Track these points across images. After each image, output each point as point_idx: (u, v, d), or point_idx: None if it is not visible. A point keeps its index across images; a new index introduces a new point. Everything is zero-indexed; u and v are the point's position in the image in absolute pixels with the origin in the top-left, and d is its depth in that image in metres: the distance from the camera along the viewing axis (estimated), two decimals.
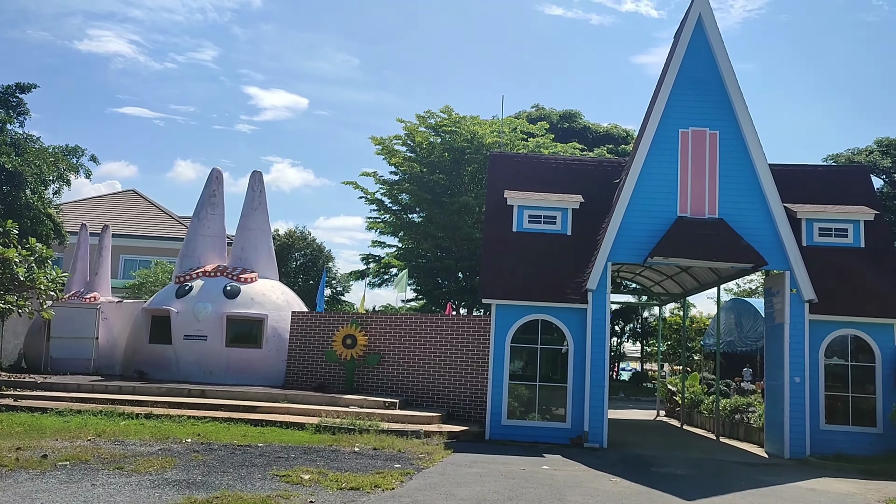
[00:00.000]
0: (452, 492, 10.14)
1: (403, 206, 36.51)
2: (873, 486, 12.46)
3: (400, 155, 35.44)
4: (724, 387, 22.16)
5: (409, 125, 35.28)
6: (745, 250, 16.03)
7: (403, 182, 35.28)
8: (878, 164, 40.78)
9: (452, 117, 34.94)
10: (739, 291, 43.81)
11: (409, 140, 35.47)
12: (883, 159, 41.12)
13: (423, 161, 34.63)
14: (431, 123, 35.25)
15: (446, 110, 35.14)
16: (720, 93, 16.78)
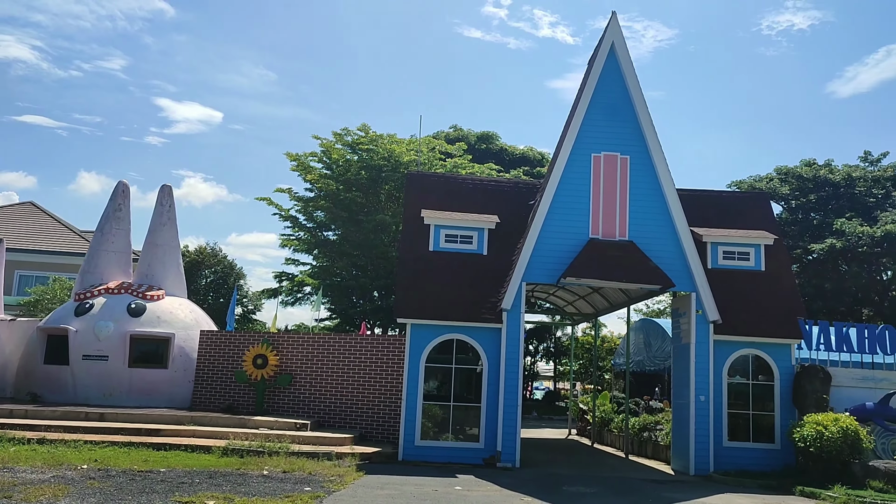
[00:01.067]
0: None
1: (318, 223, 36.03)
2: (771, 500, 12.93)
3: (316, 172, 35.00)
4: (634, 405, 22.66)
5: (326, 142, 34.95)
6: (654, 272, 16.48)
7: (319, 199, 34.82)
8: (777, 190, 42.83)
9: (370, 135, 34.81)
10: (649, 312, 45.13)
11: (326, 157, 35.10)
12: (782, 186, 43.21)
13: (340, 178, 34.30)
14: (348, 141, 35.00)
15: (364, 128, 35.00)
16: (631, 119, 17.29)
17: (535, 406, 41.18)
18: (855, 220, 39.70)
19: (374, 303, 35.23)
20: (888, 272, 41.15)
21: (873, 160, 45.55)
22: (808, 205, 43.17)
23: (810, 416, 15.34)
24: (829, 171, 43.37)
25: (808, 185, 43.01)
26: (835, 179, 42.70)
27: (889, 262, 38.63)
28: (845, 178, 42.71)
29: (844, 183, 42.60)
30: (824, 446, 14.47)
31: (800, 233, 41.35)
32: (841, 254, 38.40)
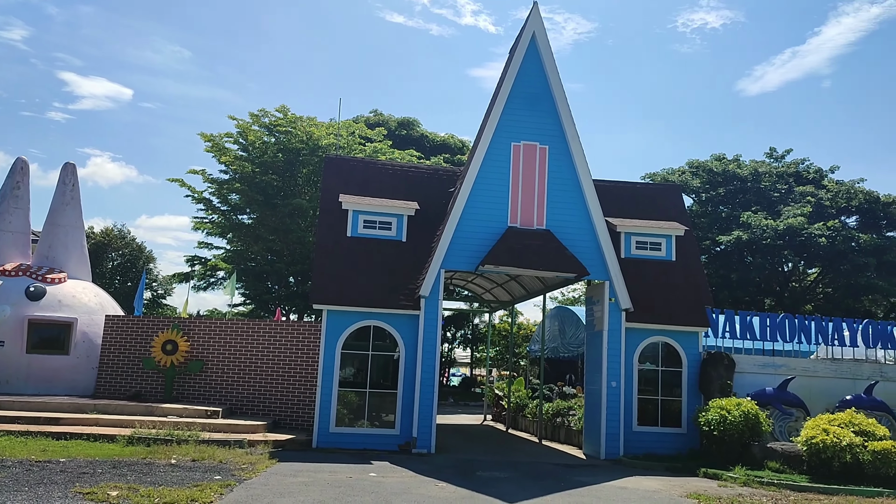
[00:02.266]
0: (275, 503, 9.74)
1: (233, 206, 35.07)
2: (677, 483, 13.36)
3: (231, 153, 34.03)
4: (548, 391, 23.06)
5: (242, 123, 34.00)
6: (570, 261, 16.74)
7: (234, 182, 33.88)
8: (689, 183, 44.26)
9: (288, 117, 34.08)
10: (564, 300, 46.00)
11: (242, 138, 34.16)
12: (693, 180, 44.68)
13: (256, 161, 33.47)
14: (266, 122, 34.16)
15: (282, 110, 34.24)
16: (551, 109, 17.47)
17: (452, 392, 41.48)
18: (760, 213, 41.44)
19: (290, 288, 34.66)
20: (789, 264, 43.18)
21: (778, 156, 47.66)
22: (718, 198, 44.78)
23: (715, 400, 15.92)
24: (738, 166, 45.09)
25: (718, 179, 44.63)
26: (742, 174, 44.43)
27: (790, 254, 40.50)
28: (752, 173, 44.51)
29: (751, 178, 44.39)
30: (727, 429, 15.06)
31: (709, 225, 42.87)
32: (746, 246, 40.06)
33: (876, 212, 42.10)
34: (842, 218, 42.38)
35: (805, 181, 44.98)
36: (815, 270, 44.27)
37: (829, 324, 18.42)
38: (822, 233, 38.62)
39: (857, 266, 38.51)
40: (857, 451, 13.49)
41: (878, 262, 38.88)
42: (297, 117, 34.35)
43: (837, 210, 42.25)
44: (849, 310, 39.01)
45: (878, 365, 18.13)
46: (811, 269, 44.58)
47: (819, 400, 17.14)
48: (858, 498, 12.40)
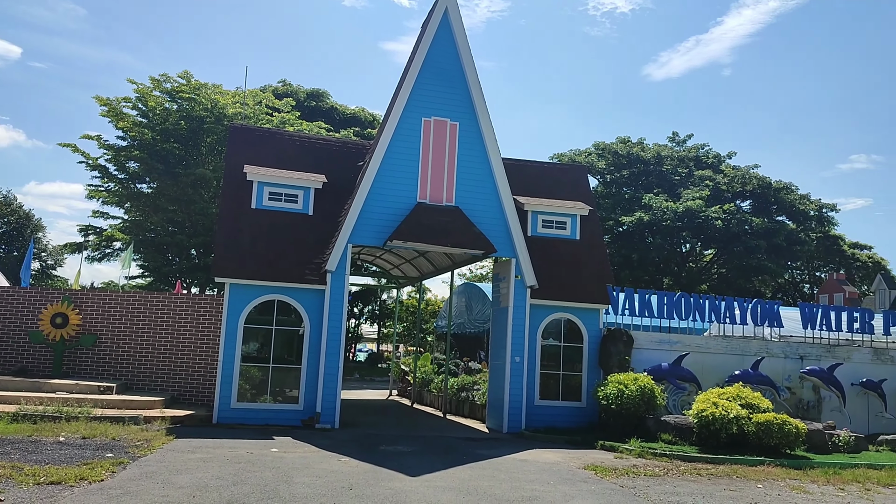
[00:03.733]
0: (171, 480, 9.45)
1: (131, 174, 33.57)
2: (575, 455, 13.74)
3: (129, 119, 32.50)
4: (454, 366, 23.28)
5: (142, 87, 32.50)
6: (478, 238, 16.85)
7: (132, 149, 32.40)
8: (595, 165, 45.35)
9: (192, 84, 32.79)
10: (472, 277, 46.48)
11: (141, 104, 32.66)
12: (599, 161, 45.81)
13: (157, 128, 32.11)
14: (167, 88, 32.77)
15: (185, 76, 32.91)
16: (462, 86, 17.43)
17: (358, 368, 41.37)
18: (661, 195, 42.91)
19: (192, 261, 33.61)
20: (687, 245, 45.00)
21: (680, 141, 49.39)
22: (622, 180, 46.10)
23: (613, 375, 16.43)
24: (642, 149, 46.50)
25: (623, 162, 45.90)
26: (646, 157, 45.84)
27: (688, 235, 42.20)
28: (655, 157, 45.97)
29: (654, 161, 45.86)
30: (624, 403, 15.58)
31: (613, 205, 44.11)
32: (648, 226, 41.46)
33: (768, 197, 44.30)
34: (737, 202, 44.44)
35: (704, 165, 46.82)
36: (710, 251, 46.33)
37: (721, 303, 19.26)
38: (718, 216, 40.37)
39: (749, 248, 40.49)
40: (743, 423, 14.21)
41: (768, 245, 41.02)
42: (202, 84, 33.12)
43: (733, 194, 44.23)
44: (740, 290, 41.09)
45: (765, 342, 19.12)
46: (707, 251, 46.65)
47: (711, 375, 17.95)
48: (743, 467, 13.08)
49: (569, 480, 11.10)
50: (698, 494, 10.48)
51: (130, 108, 32.86)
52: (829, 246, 48.70)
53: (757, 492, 10.96)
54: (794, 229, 43.77)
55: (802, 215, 45.32)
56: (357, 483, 10.02)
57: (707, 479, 11.91)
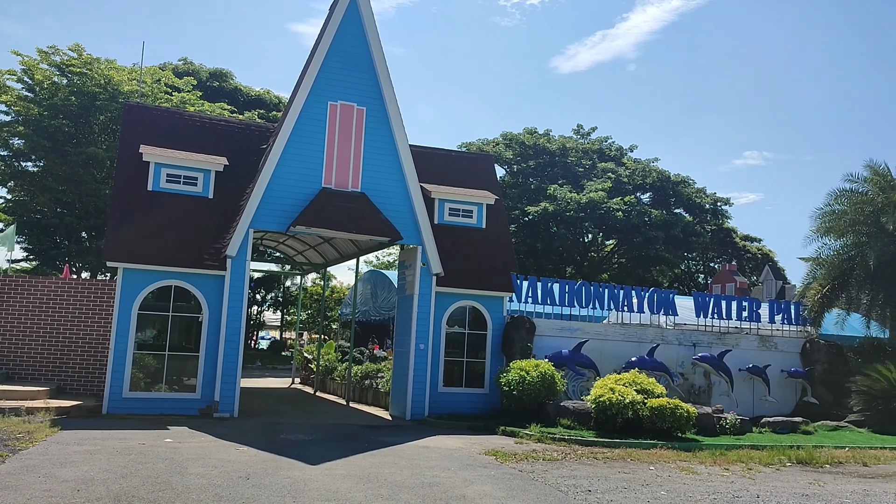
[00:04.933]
0: (54, 473, 8.97)
1: (15, 151, 31.53)
2: (477, 440, 13.88)
3: (13, 92, 30.52)
4: (359, 354, 23.11)
5: (29, 60, 30.55)
6: (384, 224, 16.72)
7: (16, 124, 30.45)
8: (502, 155, 45.84)
9: (84, 58, 31.05)
10: (378, 264, 46.26)
11: (28, 77, 30.71)
12: (507, 151, 46.33)
13: (44, 103, 30.26)
14: (57, 61, 30.90)
15: (76, 49, 31.14)
16: (370, 71, 17.21)
17: (260, 356, 40.57)
18: (566, 186, 43.81)
19: (82, 244, 32.00)
20: (589, 235, 46.15)
21: (584, 133, 50.49)
22: (528, 170, 46.78)
23: (516, 362, 16.68)
24: (548, 140, 47.28)
25: (529, 152, 46.57)
26: (552, 148, 46.65)
27: (591, 226, 43.26)
28: (560, 148, 46.85)
29: (559, 152, 46.73)
30: (525, 389, 15.83)
31: (519, 195, 44.73)
32: (552, 217, 42.27)
33: (666, 190, 45.93)
34: (637, 194, 45.86)
35: (607, 158, 48.07)
36: (612, 242, 47.70)
37: (620, 291, 19.84)
38: (619, 207, 41.54)
39: (648, 239, 41.87)
40: (639, 408, 14.68)
41: (665, 236, 42.53)
42: (94, 58, 31.43)
43: (634, 186, 45.62)
44: (640, 279, 42.47)
45: (660, 329, 19.84)
46: (609, 241, 48.00)
47: (609, 361, 18.49)
48: (637, 450, 13.52)
49: (469, 466, 11.19)
50: (594, 477, 10.75)
51: (15, 81, 30.87)
52: (722, 238, 50.93)
53: (649, 473, 11.35)
54: (690, 221, 45.54)
55: (698, 208, 47.20)
56: (255, 472, 9.79)
57: (603, 462, 12.25)
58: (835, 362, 20.43)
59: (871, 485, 11.40)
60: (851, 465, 13.42)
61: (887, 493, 10.75)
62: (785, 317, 21.41)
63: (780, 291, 49.14)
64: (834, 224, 21.45)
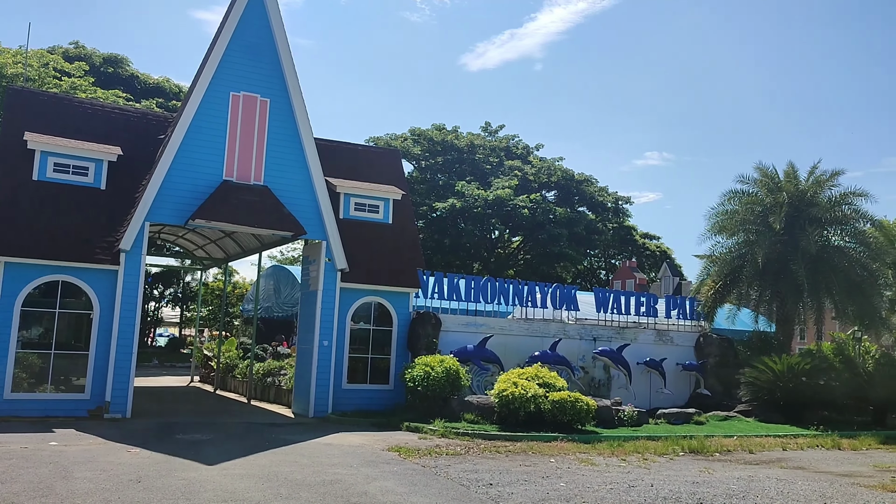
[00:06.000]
0: None
1: None
2: (381, 437, 13.80)
3: None
4: (261, 351, 22.63)
5: None
6: (287, 219, 16.39)
7: None
8: (410, 150, 45.76)
9: None
10: (283, 259, 45.42)
11: None
12: (415, 146, 46.28)
13: None
14: None
15: None
16: (274, 61, 16.83)
17: (158, 353, 39.15)
18: (473, 183, 44.18)
19: None
20: (496, 231, 46.72)
21: (492, 131, 51.02)
22: (436, 166, 46.91)
23: (421, 358, 16.67)
24: (456, 137, 47.53)
25: (437, 148, 46.70)
26: (460, 145, 46.93)
27: (497, 222, 43.79)
28: (468, 145, 47.19)
29: (467, 149, 47.07)
30: (430, 385, 15.85)
31: (427, 191, 44.81)
32: (460, 213, 42.55)
33: (571, 188, 46.97)
34: (543, 192, 46.72)
35: (514, 156, 48.76)
36: (518, 238, 48.46)
37: (524, 287, 20.14)
38: (525, 204, 42.20)
39: (552, 236, 42.72)
40: (541, 402, 14.93)
41: (569, 234, 43.50)
42: None
43: (539, 184, 46.45)
44: (544, 275, 43.27)
45: (563, 324, 20.26)
46: (515, 238, 48.75)
47: (513, 356, 18.74)
48: (538, 443, 13.75)
49: (372, 463, 11.10)
50: (495, 471, 10.86)
51: None
52: (623, 236, 52.52)
53: (549, 466, 11.55)
54: (593, 219, 46.76)
55: (601, 206, 48.50)
56: (147, 475, 9.41)
57: (505, 455, 12.39)
58: (726, 355, 21.39)
59: (755, 471, 11.98)
60: (739, 453, 14.07)
61: (769, 478, 11.32)
62: (680, 312, 22.25)
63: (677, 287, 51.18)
64: (726, 223, 22.42)
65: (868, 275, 21.44)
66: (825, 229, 22.03)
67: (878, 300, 21.85)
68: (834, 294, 21.16)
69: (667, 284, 53.66)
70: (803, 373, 18.70)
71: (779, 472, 12.01)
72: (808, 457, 14.07)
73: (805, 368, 18.77)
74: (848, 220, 22.02)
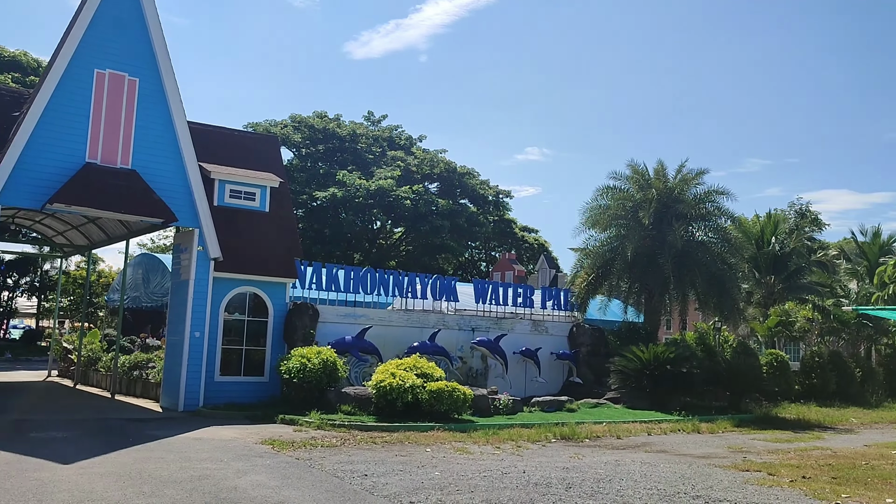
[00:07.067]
0: None
1: None
2: (254, 430, 13.43)
3: None
4: (129, 343, 21.53)
5: None
6: (157, 205, 15.64)
7: None
8: (290, 137, 44.82)
9: None
10: (154, 247, 43.47)
11: None
12: (295, 134, 45.36)
13: None
14: None
15: None
16: (144, 39, 15.99)
17: (11, 346, 36.61)
18: (355, 173, 43.82)
19: None
20: (378, 222, 46.58)
21: (375, 121, 50.77)
22: (317, 154, 46.21)
23: (297, 349, 16.35)
24: (338, 125, 46.98)
25: (319, 136, 46.01)
26: (342, 134, 46.42)
27: (379, 213, 43.67)
28: (351, 134, 46.75)
29: (350, 138, 46.63)
30: (307, 376, 15.57)
31: (308, 180, 44.09)
32: (341, 203, 42.12)
33: (453, 180, 47.46)
34: (425, 183, 46.95)
35: (397, 147, 48.73)
36: (400, 230, 48.50)
37: (404, 278, 20.15)
38: (407, 195, 42.28)
39: (434, 227, 43.04)
40: (418, 392, 14.97)
41: (451, 225, 43.97)
42: None
43: (422, 176, 46.66)
44: (426, 266, 43.55)
45: (442, 315, 20.41)
46: (397, 229, 48.77)
47: (392, 347, 18.70)
48: (415, 433, 13.79)
49: (244, 456, 10.78)
50: (371, 461, 10.79)
51: None
52: (503, 228, 53.59)
53: (425, 455, 11.59)
54: (474, 212, 47.42)
55: (482, 199, 49.27)
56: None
57: (381, 446, 12.34)
58: (597, 345, 22.20)
59: (622, 455, 12.49)
60: (607, 439, 14.64)
61: (635, 461, 11.83)
62: (555, 303, 22.90)
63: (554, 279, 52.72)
64: (599, 218, 23.24)
65: (728, 268, 22.79)
66: (690, 225, 23.22)
67: (736, 292, 23.27)
68: (697, 286, 22.37)
69: (544, 276, 55.20)
70: (668, 361, 19.67)
71: (643, 455, 12.57)
72: (671, 441, 14.81)
73: (670, 357, 19.75)
74: (711, 217, 23.33)
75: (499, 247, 56.84)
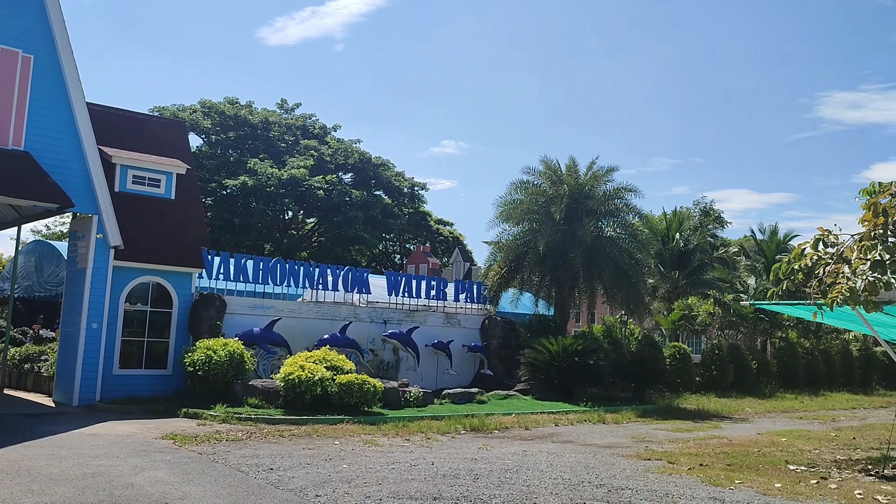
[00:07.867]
0: None
1: None
2: (154, 425, 12.94)
3: None
4: (20, 335, 20.43)
5: None
6: (52, 189, 14.84)
7: None
8: (199, 123, 43.49)
9: None
10: (50, 234, 41.44)
11: None
12: (205, 119, 44.03)
13: None
14: None
15: None
16: (40, 13, 15.15)
17: None
18: (267, 161, 42.90)
19: None
20: (290, 212, 45.78)
21: (288, 109, 49.83)
22: (228, 141, 45.03)
23: (203, 341, 15.86)
24: (250, 112, 45.88)
25: (230, 123, 44.83)
26: (254, 121, 45.36)
27: (291, 203, 42.90)
28: (263, 122, 45.74)
29: (262, 126, 45.62)
30: (212, 369, 15.13)
31: (217, 167, 42.90)
32: (252, 191, 41.18)
33: (368, 171, 47.12)
34: (339, 174, 46.43)
35: (311, 135, 47.97)
36: (312, 220, 47.82)
37: (315, 269, 19.82)
38: (321, 185, 41.70)
39: (348, 218, 42.62)
40: (328, 384, 14.76)
41: (365, 217, 43.64)
42: None
43: (336, 166, 46.11)
44: (339, 258, 43.08)
45: (354, 307, 20.20)
46: (309, 219, 48.07)
47: (302, 339, 18.37)
48: (324, 426, 13.60)
49: (143, 452, 10.36)
50: (277, 455, 10.55)
51: None
52: (418, 221, 53.60)
53: (333, 448, 11.43)
54: (389, 204, 47.22)
55: (397, 191, 49.11)
56: None
57: (289, 439, 12.10)
58: (508, 337, 22.45)
59: (529, 446, 12.65)
60: (516, 430, 14.81)
61: (542, 452, 12.00)
62: (469, 296, 23.02)
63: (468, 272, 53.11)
64: (512, 212, 23.50)
65: (635, 263, 23.45)
66: (600, 221, 23.74)
67: (642, 287, 23.97)
68: (605, 280, 22.93)
69: (458, 269, 55.52)
70: (576, 353, 20.07)
71: (550, 446, 12.78)
72: (577, 431, 15.12)
73: (577, 349, 20.16)
74: (620, 213, 23.93)
75: (413, 239, 56.85)
